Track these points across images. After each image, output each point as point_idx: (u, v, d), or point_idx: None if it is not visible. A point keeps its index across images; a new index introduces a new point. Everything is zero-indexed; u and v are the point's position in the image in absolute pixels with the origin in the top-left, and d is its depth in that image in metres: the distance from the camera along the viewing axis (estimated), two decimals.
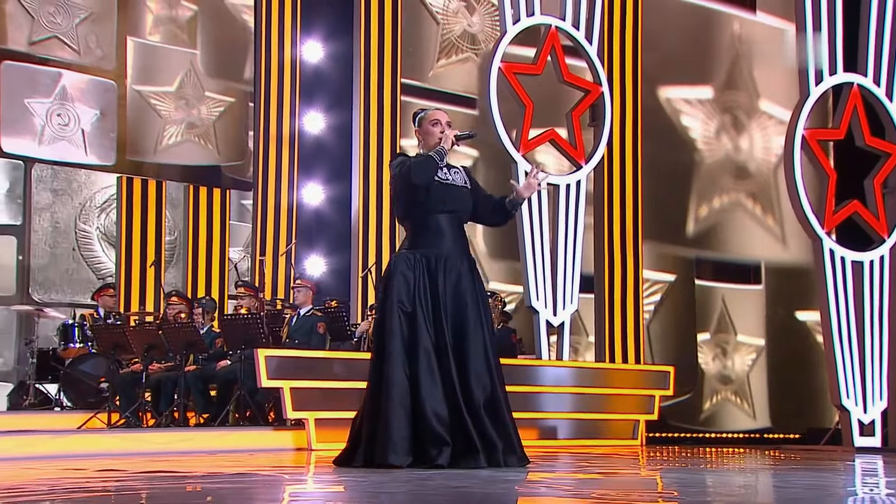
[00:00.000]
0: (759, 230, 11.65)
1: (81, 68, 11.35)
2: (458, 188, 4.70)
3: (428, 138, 4.70)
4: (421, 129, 4.76)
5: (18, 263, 11.04)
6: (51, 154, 11.09)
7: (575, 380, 9.03)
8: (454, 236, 4.63)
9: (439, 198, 4.61)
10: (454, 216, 4.66)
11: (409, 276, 4.50)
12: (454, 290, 4.52)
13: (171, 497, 3.06)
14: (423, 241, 4.60)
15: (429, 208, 4.61)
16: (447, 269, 4.54)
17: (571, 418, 8.86)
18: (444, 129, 4.67)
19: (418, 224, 4.64)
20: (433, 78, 11.71)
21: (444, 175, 4.66)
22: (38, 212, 11.22)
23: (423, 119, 4.76)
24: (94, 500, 3.00)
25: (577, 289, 9.26)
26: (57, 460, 5.42)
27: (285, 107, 11.15)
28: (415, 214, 4.65)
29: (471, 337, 4.47)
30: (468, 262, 4.65)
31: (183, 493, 3.22)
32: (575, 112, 9.60)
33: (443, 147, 4.63)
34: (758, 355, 11.46)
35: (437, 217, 4.61)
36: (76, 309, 9.73)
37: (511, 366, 8.67)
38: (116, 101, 11.51)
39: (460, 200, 4.69)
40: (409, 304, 4.47)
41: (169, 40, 11.95)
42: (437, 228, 4.60)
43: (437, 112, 4.79)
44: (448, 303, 4.49)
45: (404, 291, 4.48)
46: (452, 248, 4.60)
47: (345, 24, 11.04)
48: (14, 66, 10.96)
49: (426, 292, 4.49)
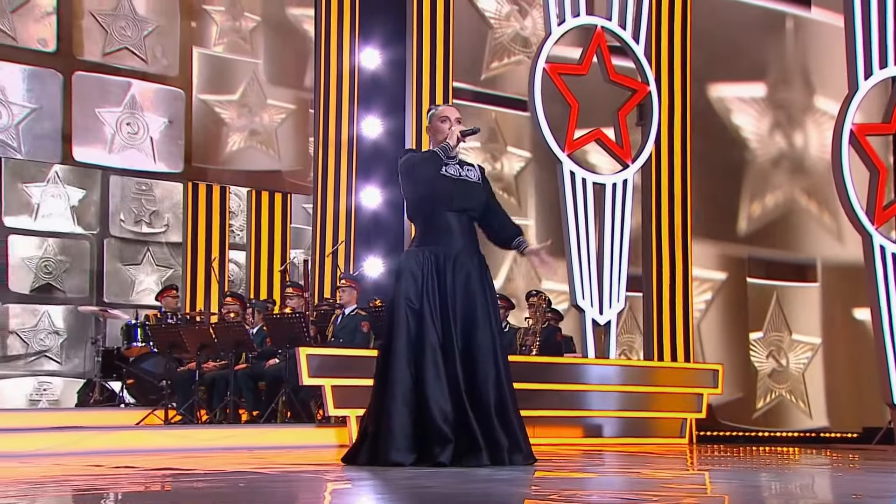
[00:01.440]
0: (815, 227, 11.52)
1: (150, 78, 11.84)
2: (469, 185, 4.68)
3: (437, 135, 4.70)
4: (431, 125, 4.77)
5: (92, 267, 11.59)
6: (120, 162, 11.59)
7: (621, 378, 9.09)
8: (464, 234, 4.62)
9: (448, 195, 4.61)
10: (464, 214, 4.64)
11: (417, 274, 4.51)
12: (463, 288, 4.52)
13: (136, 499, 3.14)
14: (432, 239, 4.60)
15: (438, 206, 4.61)
16: (456, 267, 4.54)
17: (617, 416, 8.93)
18: (452, 126, 4.65)
19: (427, 222, 4.66)
20: (486, 81, 11.87)
21: (455, 172, 4.66)
22: (112, 217, 11.75)
23: (433, 116, 4.76)
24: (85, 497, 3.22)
25: (623, 288, 9.32)
26: (106, 456, 5.68)
27: (344, 113, 11.43)
28: (424, 212, 4.67)
29: (479, 335, 4.47)
30: (478, 260, 4.65)
31: (141, 493, 3.27)
32: (621, 111, 9.66)
33: (448, 143, 4.62)
34: (814, 354, 11.33)
35: (447, 215, 4.60)
36: (139, 309, 10.16)
37: (556, 364, 8.82)
38: (184, 110, 11.97)
39: (471, 198, 4.68)
40: (416, 301, 4.47)
41: (233, 50, 12.36)
42: (446, 226, 4.60)
43: (447, 108, 4.82)
44: (457, 301, 4.49)
45: (412, 289, 4.49)
46: (462, 246, 4.59)
47: (401, 30, 11.27)
48: (85, 77, 11.49)
49: (434, 290, 4.50)
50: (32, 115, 11.20)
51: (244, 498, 3.04)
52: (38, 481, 3.80)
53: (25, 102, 11.22)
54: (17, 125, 11.14)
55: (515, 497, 3.26)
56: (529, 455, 4.54)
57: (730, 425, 10.47)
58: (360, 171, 11.35)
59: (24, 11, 11.30)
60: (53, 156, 11.38)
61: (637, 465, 5.42)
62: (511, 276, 11.73)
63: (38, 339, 11.16)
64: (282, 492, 3.33)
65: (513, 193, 11.99)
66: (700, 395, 9.18)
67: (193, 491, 3.27)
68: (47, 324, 11.22)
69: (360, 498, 3.22)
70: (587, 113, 9.36)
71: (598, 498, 3.20)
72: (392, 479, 3.78)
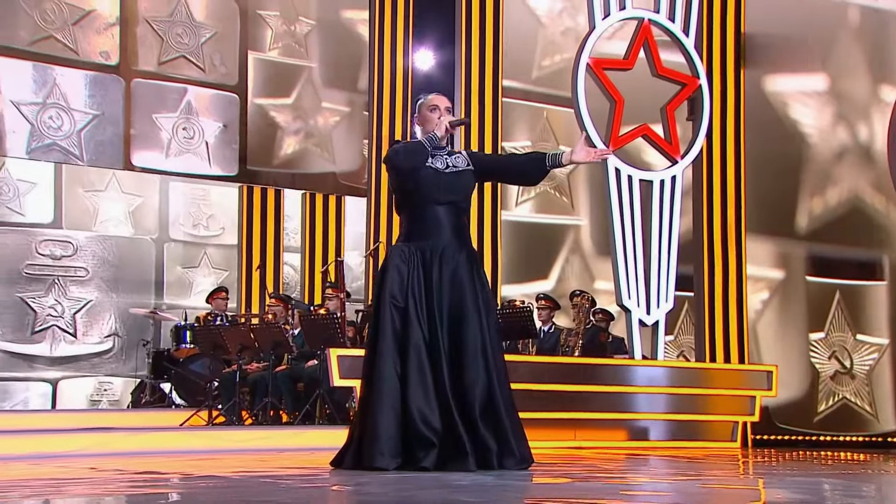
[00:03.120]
0: (882, 223, 11.04)
1: (206, 84, 12.01)
2: (457, 175, 4.49)
3: (426, 125, 4.50)
4: (420, 115, 4.56)
5: (151, 269, 11.81)
6: (176, 166, 11.78)
7: (669, 380, 8.86)
8: (452, 227, 4.44)
9: (434, 188, 4.43)
10: (452, 206, 4.46)
11: (402, 270, 4.35)
12: (450, 283, 4.34)
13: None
14: (419, 233, 4.43)
15: (424, 199, 4.43)
16: (443, 262, 4.36)
17: (665, 419, 8.70)
18: (442, 115, 4.47)
19: (414, 215, 4.48)
20: (538, 79, 11.71)
21: (443, 164, 4.49)
22: (171, 221, 11.97)
23: (422, 105, 4.56)
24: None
25: (672, 287, 9.07)
26: (130, 458, 5.77)
27: (398, 114, 11.43)
28: (410, 205, 4.50)
29: (466, 333, 4.28)
30: (467, 254, 4.45)
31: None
32: (670, 106, 9.42)
33: (434, 134, 4.43)
34: (881, 355, 10.85)
35: (434, 208, 4.43)
36: (187, 311, 10.30)
37: (598, 365, 8.63)
38: (238, 114, 12.11)
39: (459, 189, 4.50)
40: (401, 299, 4.31)
41: (287, 54, 12.47)
42: (433, 220, 4.42)
43: (436, 97, 4.56)
44: (443, 297, 4.32)
45: (397, 286, 4.33)
46: (450, 240, 4.41)
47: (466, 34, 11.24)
48: (143, 84, 11.71)
49: (420, 286, 4.33)
50: (94, 122, 11.46)
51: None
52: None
53: (87, 109, 11.48)
54: (79, 132, 11.41)
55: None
56: (524, 459, 4.31)
57: (789, 429, 10.10)
58: None
59: (86, 23, 11.56)
60: (115, 162, 11.62)
61: (686, 469, 5.15)
62: (563, 277, 11.55)
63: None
64: (234, 499, 3.24)
65: (565, 193, 11.81)
66: (753, 398, 8.88)
67: (141, 498, 3.24)
68: (109, 326, 11.47)
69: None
70: (633, 109, 9.14)
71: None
72: (365, 488, 3.68)
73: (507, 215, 10.91)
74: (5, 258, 11.17)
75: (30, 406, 10.95)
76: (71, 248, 11.51)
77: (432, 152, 4.47)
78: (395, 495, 3.23)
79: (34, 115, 11.24)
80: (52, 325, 11.32)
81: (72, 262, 11.48)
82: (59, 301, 11.35)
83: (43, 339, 11.26)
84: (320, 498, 3.24)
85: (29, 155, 11.24)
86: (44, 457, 5.78)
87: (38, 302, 11.28)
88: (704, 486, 3.93)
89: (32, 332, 11.23)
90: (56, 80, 11.37)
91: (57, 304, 11.35)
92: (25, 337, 11.19)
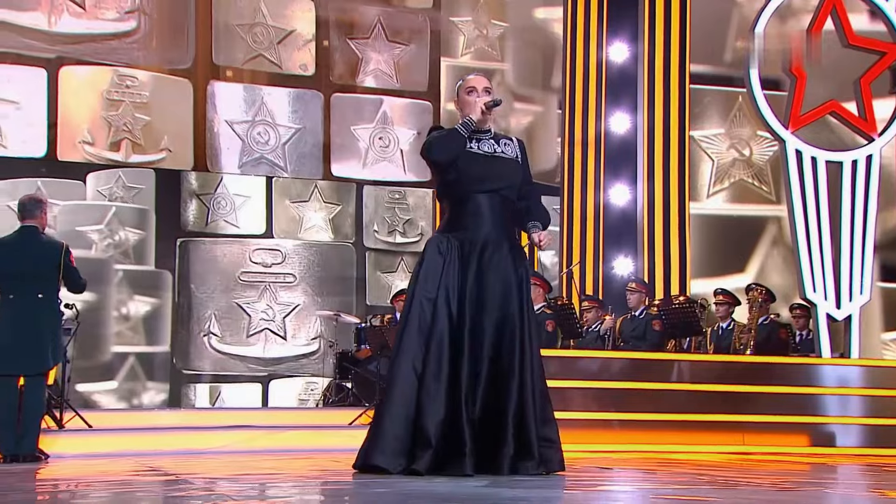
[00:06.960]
0: None
1: (399, 93, 12.32)
2: (502, 161, 4.19)
3: (465, 108, 4.20)
4: (458, 98, 4.28)
5: (353, 274, 12.24)
6: (373, 175, 12.15)
7: (863, 380, 8.00)
8: (495, 218, 4.11)
9: (477, 174, 4.12)
10: (496, 195, 4.12)
11: (438, 263, 4.06)
12: (488, 277, 4.04)
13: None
14: (460, 224, 4.12)
15: (466, 186, 4.11)
16: (482, 256, 4.07)
17: (856, 423, 7.86)
18: (478, 97, 4.16)
19: (455, 204, 4.17)
20: (731, 62, 11.02)
21: (489, 148, 4.19)
22: (367, 227, 12.35)
23: (460, 87, 4.28)
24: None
25: (869, 278, 8.22)
26: (260, 455, 6.02)
27: (591, 109, 11.18)
28: (451, 193, 4.19)
29: (503, 330, 4.00)
30: (508, 247, 4.13)
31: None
32: (864, 79, 8.56)
33: (469, 117, 4.14)
34: None
35: (476, 196, 4.10)
36: (369, 314, 10.55)
37: (775, 364, 7.96)
38: (431, 121, 12.30)
39: (504, 176, 4.17)
40: (433, 292, 4.03)
41: (480, 58, 12.53)
42: (475, 209, 4.10)
43: (474, 78, 4.27)
44: (478, 292, 4.02)
45: (431, 279, 4.05)
46: (491, 231, 4.10)
47: (649, 23, 10.85)
48: (341, 98, 12.20)
49: (455, 281, 4.04)
50: (297, 135, 12.07)
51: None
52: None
53: (291, 123, 12.12)
54: (283, 145, 12.06)
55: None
56: (543, 463, 3.95)
57: None
58: (608, 168, 11.03)
59: (289, 41, 12.24)
60: (316, 172, 12.17)
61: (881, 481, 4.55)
62: (763, 270, 10.73)
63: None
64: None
65: (764, 181, 11.00)
66: None
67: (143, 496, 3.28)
68: (315, 328, 11.99)
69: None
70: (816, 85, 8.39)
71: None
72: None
73: (697, 208, 10.32)
74: (224, 267, 11.97)
75: (242, 404, 11.65)
76: (280, 256, 12.14)
77: (475, 136, 4.19)
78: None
79: (245, 131, 12.00)
80: (265, 328, 11.98)
81: (281, 269, 12.11)
82: (270, 306, 12.00)
83: (257, 341, 11.95)
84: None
85: (241, 170, 12.01)
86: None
87: (251, 307, 11.99)
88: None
89: (248, 335, 11.96)
90: (263, 99, 12.10)
91: (269, 308, 12.00)
92: (242, 339, 11.93)
